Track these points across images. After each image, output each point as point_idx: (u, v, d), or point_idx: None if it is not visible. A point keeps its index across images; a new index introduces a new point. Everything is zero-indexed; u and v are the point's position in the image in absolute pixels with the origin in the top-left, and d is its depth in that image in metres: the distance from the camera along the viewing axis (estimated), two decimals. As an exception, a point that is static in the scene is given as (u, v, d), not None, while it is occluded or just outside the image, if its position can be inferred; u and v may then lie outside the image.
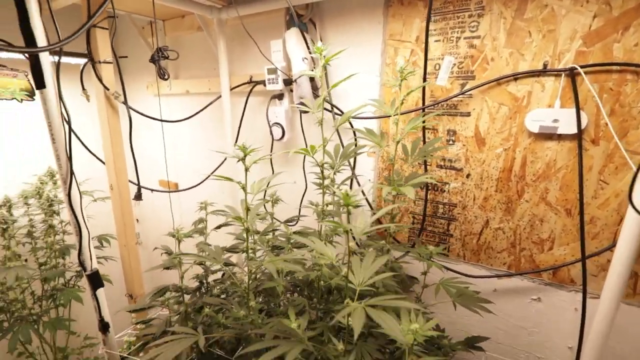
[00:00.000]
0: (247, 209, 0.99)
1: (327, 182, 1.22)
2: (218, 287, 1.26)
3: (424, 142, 1.33)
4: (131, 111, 1.70)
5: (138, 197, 1.66)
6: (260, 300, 1.22)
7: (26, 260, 1.63)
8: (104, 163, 1.66)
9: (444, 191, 1.33)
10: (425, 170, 1.33)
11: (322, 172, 1.17)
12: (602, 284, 1.11)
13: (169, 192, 2.15)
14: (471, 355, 1.28)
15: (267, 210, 1.37)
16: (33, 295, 1.72)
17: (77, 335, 2.03)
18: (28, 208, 1.71)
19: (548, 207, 1.17)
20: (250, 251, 1.26)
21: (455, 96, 1.23)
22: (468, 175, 1.29)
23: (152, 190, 1.86)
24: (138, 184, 1.70)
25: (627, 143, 1.03)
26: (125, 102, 1.64)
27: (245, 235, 1.03)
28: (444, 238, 1.36)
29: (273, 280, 1.18)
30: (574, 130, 1.07)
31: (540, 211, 1.19)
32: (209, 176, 1.90)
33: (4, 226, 1.60)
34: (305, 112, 1.55)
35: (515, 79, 1.15)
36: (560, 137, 1.12)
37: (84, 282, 1.82)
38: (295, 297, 1.20)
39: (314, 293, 1.24)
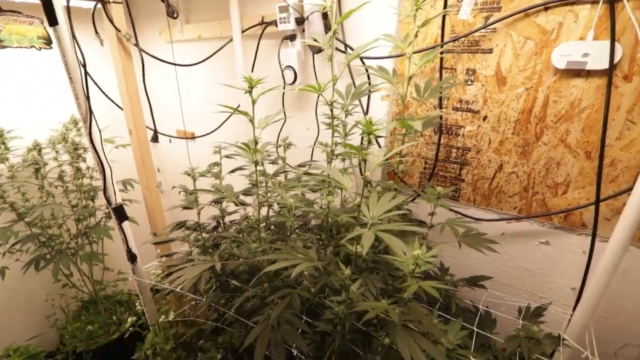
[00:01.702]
0: (255, 142, 0.93)
1: (337, 122, 1.15)
2: (234, 228, 1.24)
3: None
4: (144, 54, 1.62)
5: (155, 139, 1.63)
6: (272, 235, 1.19)
7: (60, 203, 1.65)
8: (121, 108, 1.61)
9: (459, 135, 1.24)
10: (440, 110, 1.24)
11: (331, 110, 1.09)
12: (614, 227, 1.04)
13: (186, 138, 2.10)
14: (473, 292, 1.26)
15: (280, 154, 1.31)
16: (69, 233, 1.79)
17: (111, 270, 2.11)
18: (57, 153, 1.70)
19: (567, 149, 1.08)
20: (261, 186, 1.22)
21: (478, 30, 1.11)
22: (485, 118, 1.20)
23: (170, 137, 1.81)
24: (154, 127, 1.65)
25: (663, 79, 0.91)
26: (136, 44, 1.55)
27: (254, 168, 0.98)
28: (455, 183, 1.29)
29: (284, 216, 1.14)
30: (605, 65, 0.95)
31: (558, 154, 1.09)
32: (224, 121, 1.83)
33: (37, 166, 1.60)
34: (317, 51, 1.44)
35: (546, 9, 1.01)
36: (589, 74, 1.00)
37: (112, 222, 1.85)
38: (305, 234, 1.17)
39: (324, 233, 1.21)
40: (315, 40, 1.04)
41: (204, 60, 1.84)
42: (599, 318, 1.16)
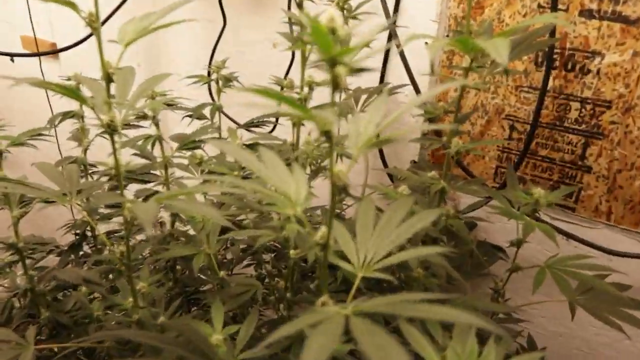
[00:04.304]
0: (109, 78, 0.41)
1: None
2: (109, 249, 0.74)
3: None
4: None
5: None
6: (171, 279, 0.69)
7: None
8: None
9: (588, 72, 0.66)
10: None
11: (299, 4, 0.54)
12: None
13: (40, 54, 1.31)
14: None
15: (215, 99, 0.78)
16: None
17: None
18: None
19: None
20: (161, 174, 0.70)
21: None
22: None
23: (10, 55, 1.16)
24: None
25: None
26: None
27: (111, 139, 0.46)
28: (570, 174, 0.72)
29: (192, 241, 0.63)
30: None
31: None
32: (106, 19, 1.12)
33: None
34: None
35: None
36: None
37: None
38: (243, 279, 0.66)
39: (282, 270, 0.69)
40: None
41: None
42: None
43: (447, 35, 0.77)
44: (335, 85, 0.25)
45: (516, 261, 0.63)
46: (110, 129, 0.40)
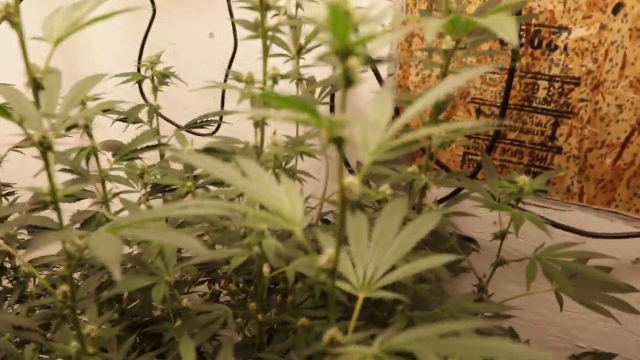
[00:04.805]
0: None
1: (276, 19, 0.53)
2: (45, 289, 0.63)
3: None
4: None
5: None
6: (116, 310, 0.60)
7: None
8: None
9: (555, 48, 0.65)
10: None
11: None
12: None
13: None
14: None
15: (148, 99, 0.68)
16: None
17: None
18: None
19: None
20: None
21: None
22: (617, 10, 0.61)
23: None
24: None
25: None
26: None
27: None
28: (540, 156, 0.71)
29: (147, 271, 0.55)
30: None
31: None
32: None
33: None
34: None
35: None
36: None
37: None
38: (207, 305, 0.58)
39: (241, 284, 0.63)
40: None
41: None
42: None
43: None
44: (349, 80, 0.20)
45: (488, 252, 0.61)
46: (44, 147, 0.32)
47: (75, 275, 0.63)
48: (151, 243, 0.56)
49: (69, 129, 0.57)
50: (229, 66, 0.77)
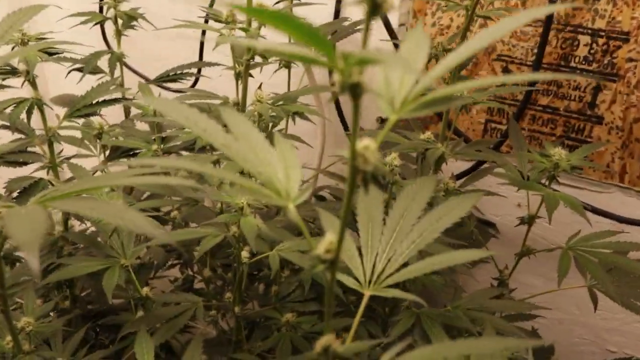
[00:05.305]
0: None
1: None
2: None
3: None
4: None
5: None
6: (67, 297, 0.52)
7: None
8: None
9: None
10: None
11: None
12: None
13: None
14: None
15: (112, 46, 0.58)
16: None
17: None
18: None
19: None
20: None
21: None
22: None
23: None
24: None
25: None
26: None
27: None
28: (577, 127, 0.62)
29: (97, 247, 0.46)
30: None
31: None
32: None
33: None
34: None
35: None
36: None
37: None
38: (174, 295, 0.50)
39: (217, 270, 0.55)
40: None
41: None
42: None
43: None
44: (375, 6, 0.15)
45: (509, 239, 0.52)
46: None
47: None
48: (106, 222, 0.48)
49: (5, 75, 0.47)
50: (211, 5, 0.67)
